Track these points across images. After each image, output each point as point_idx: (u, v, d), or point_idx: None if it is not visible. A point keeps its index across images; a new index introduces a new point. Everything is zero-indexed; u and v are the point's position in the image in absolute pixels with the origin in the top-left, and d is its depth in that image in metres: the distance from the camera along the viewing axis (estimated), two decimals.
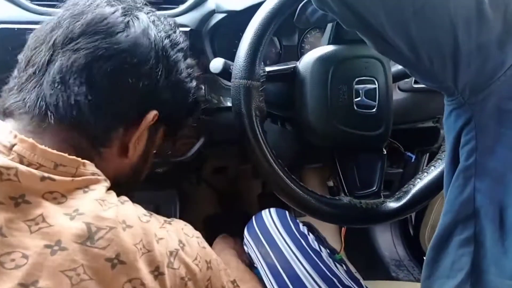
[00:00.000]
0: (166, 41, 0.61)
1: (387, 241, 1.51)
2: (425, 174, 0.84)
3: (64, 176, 0.50)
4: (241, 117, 0.74)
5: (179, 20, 0.93)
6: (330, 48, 0.82)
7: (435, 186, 0.81)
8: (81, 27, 0.55)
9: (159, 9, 0.92)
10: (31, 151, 0.49)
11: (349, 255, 1.35)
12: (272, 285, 0.85)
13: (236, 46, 0.78)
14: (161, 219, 0.59)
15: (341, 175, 0.82)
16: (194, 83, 0.68)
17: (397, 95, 0.96)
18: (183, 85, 0.65)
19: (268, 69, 0.79)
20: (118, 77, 0.55)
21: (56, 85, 0.53)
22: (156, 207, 1.26)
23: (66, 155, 0.51)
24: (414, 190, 0.81)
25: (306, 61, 0.81)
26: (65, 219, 0.46)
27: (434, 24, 0.48)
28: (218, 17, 0.96)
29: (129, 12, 0.59)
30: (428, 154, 1.30)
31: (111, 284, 0.46)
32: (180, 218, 1.36)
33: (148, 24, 0.59)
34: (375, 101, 0.81)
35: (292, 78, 0.82)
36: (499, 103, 0.50)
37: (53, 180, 0.49)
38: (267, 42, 0.77)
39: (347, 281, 0.86)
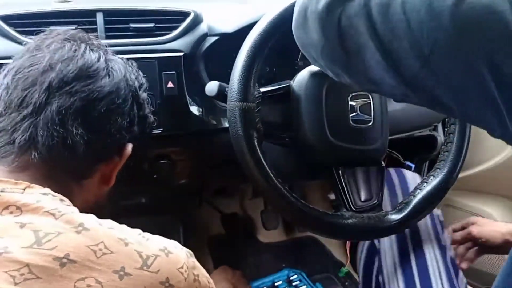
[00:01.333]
0: (136, 82, 0.68)
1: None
2: (425, 184, 0.84)
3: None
4: (239, 140, 0.75)
5: (173, 45, 0.94)
6: None
7: (436, 196, 0.81)
8: (74, 71, 0.58)
9: (152, 36, 0.95)
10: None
11: (355, 268, 1.35)
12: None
13: (230, 67, 0.80)
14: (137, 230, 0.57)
15: (341, 190, 0.82)
16: (152, 118, 0.75)
17: (393, 106, 0.96)
18: (147, 120, 0.72)
19: (263, 89, 0.80)
20: (110, 117, 0.61)
21: (54, 126, 0.56)
22: (160, 231, 1.26)
23: (11, 180, 0.52)
24: (415, 201, 0.82)
25: (300, 80, 0.82)
26: (15, 227, 0.48)
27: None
28: (211, 40, 0.97)
29: (108, 56, 0.65)
30: (427, 162, 1.31)
31: (61, 282, 0.45)
32: (185, 241, 1.37)
33: (125, 69, 0.66)
34: (371, 116, 0.82)
35: (287, 97, 0.83)
36: None
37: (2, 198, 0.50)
38: (260, 64, 0.78)
39: None
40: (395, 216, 0.80)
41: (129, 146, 0.67)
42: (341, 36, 0.49)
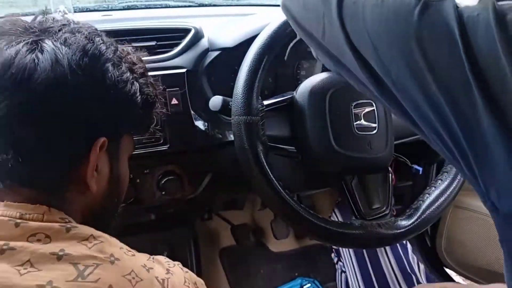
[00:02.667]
0: (85, 60, 0.52)
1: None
2: (433, 188, 0.84)
3: (34, 222, 0.48)
4: (245, 153, 0.75)
5: (175, 62, 0.95)
6: (324, 75, 0.83)
7: (444, 200, 0.81)
8: None
9: (154, 54, 0.96)
10: None
11: None
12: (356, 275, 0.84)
13: (233, 81, 0.80)
14: (147, 255, 0.57)
15: (349, 199, 0.82)
16: (136, 85, 0.60)
17: None
18: (122, 95, 0.57)
19: (266, 102, 0.80)
20: (43, 129, 0.50)
21: None
22: (171, 246, 1.26)
23: (28, 204, 0.49)
24: (424, 205, 0.82)
25: (302, 91, 0.82)
26: (52, 259, 0.45)
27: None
28: (213, 55, 0.98)
29: (34, 44, 0.51)
30: (435, 165, 1.30)
31: None
32: (196, 254, 1.38)
33: (55, 53, 0.51)
34: (375, 123, 0.82)
35: (291, 108, 0.83)
36: None
37: (26, 223, 0.47)
38: (263, 77, 0.78)
39: (423, 281, 0.86)
40: (405, 222, 0.80)
41: (98, 143, 0.53)
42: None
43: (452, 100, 0.38)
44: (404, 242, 0.94)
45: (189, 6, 1.33)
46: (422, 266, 0.95)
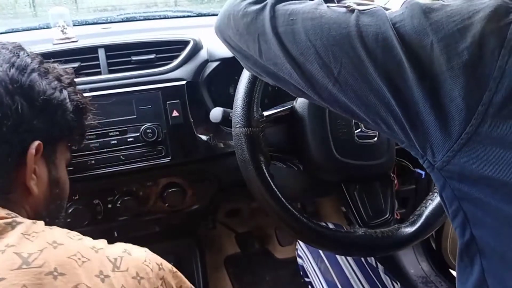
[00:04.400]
0: (12, 70, 0.58)
1: (410, 259, 1.48)
2: (436, 194, 0.84)
3: None
4: (246, 165, 0.76)
5: (175, 74, 0.96)
6: None
7: None
8: None
9: (153, 67, 0.96)
10: None
11: None
12: None
13: (233, 90, 0.81)
14: (101, 240, 0.58)
15: (352, 207, 0.82)
16: (64, 92, 0.65)
17: None
18: (52, 102, 0.62)
19: (266, 113, 0.81)
20: None
21: None
22: (177, 257, 1.27)
23: None
24: (427, 212, 0.82)
25: (302, 100, 0.83)
26: None
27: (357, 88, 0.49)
28: (212, 66, 0.99)
29: None
30: None
31: None
32: (202, 262, 1.38)
33: None
34: (375, 131, 0.82)
35: (291, 118, 0.84)
36: (470, 168, 0.44)
37: None
38: (262, 87, 0.78)
39: None
40: (409, 229, 0.80)
41: (32, 147, 0.57)
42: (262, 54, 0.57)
43: (390, 81, 0.46)
44: (371, 260, 0.95)
45: (188, 16, 1.34)
46: (399, 285, 0.95)
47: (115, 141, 0.90)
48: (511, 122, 0.40)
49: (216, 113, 0.83)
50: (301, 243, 1.01)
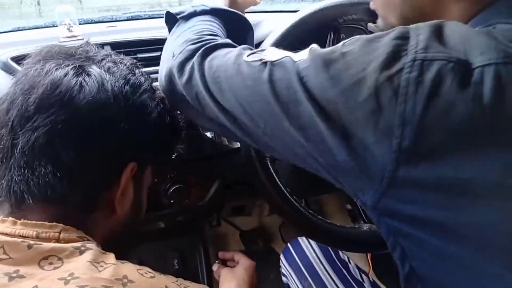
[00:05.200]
0: (126, 87, 0.57)
1: None
2: None
3: (49, 242, 0.48)
4: (252, 162, 0.76)
5: None
6: None
7: None
8: (34, 102, 0.51)
9: (158, 64, 0.95)
10: (12, 227, 0.48)
11: (378, 276, 1.34)
12: None
13: None
14: (170, 277, 0.54)
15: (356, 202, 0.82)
16: (167, 118, 0.64)
17: None
18: (155, 126, 0.61)
19: None
20: (83, 147, 0.52)
21: (22, 170, 0.51)
22: (181, 253, 1.27)
23: (45, 223, 0.49)
24: None
25: None
26: (59, 284, 0.44)
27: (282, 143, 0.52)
28: None
29: (81, 69, 0.55)
30: None
31: None
32: (206, 259, 1.38)
33: (101, 78, 0.55)
34: None
35: None
36: (397, 208, 0.45)
37: (40, 245, 0.47)
38: None
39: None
40: None
41: (129, 168, 0.56)
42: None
43: (305, 134, 0.48)
44: (356, 275, 0.96)
45: None
46: (365, 277, 0.96)
47: None
48: (421, 166, 0.41)
49: None
50: (284, 261, 1.02)
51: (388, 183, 0.43)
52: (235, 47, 0.60)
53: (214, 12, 0.72)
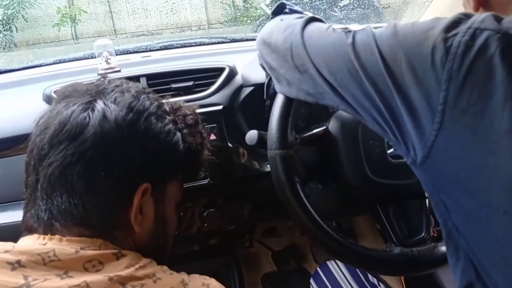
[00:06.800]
0: (130, 115, 0.61)
1: (449, 275, 1.46)
2: None
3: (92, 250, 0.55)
4: (282, 186, 0.78)
5: (212, 100, 1.00)
6: None
7: None
8: (47, 141, 0.58)
9: (192, 93, 1.01)
10: (59, 243, 0.55)
11: None
12: None
13: (267, 113, 0.84)
14: (184, 273, 0.61)
15: (387, 226, 0.83)
16: (178, 135, 0.67)
17: None
18: (164, 146, 0.64)
19: (300, 135, 0.83)
20: (90, 175, 0.57)
21: (45, 201, 0.58)
22: (216, 274, 1.29)
23: (87, 238, 0.56)
24: None
25: (335, 122, 0.85)
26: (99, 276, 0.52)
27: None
28: (247, 90, 1.03)
29: (88, 104, 0.60)
30: None
31: None
32: (240, 280, 1.40)
33: (103, 110, 0.59)
34: None
35: (325, 139, 0.86)
36: (442, 163, 0.50)
37: (85, 251, 0.54)
38: (295, 110, 0.81)
39: None
40: (445, 248, 0.80)
41: (140, 189, 0.60)
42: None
43: (377, 88, 0.55)
44: (375, 281, 0.96)
45: (222, 42, 1.39)
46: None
47: None
48: (463, 119, 0.47)
49: (251, 136, 0.86)
50: (314, 286, 1.04)
51: (435, 135, 0.49)
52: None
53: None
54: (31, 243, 0.56)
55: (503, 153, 0.44)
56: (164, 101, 0.70)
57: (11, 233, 0.59)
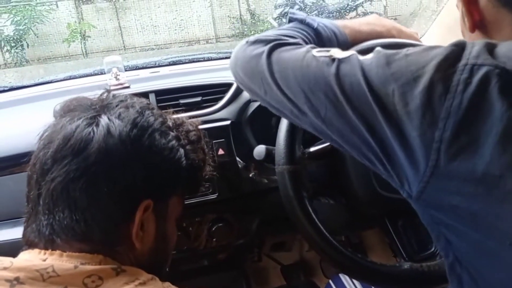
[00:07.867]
0: (134, 131, 0.60)
1: None
2: None
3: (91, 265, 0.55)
4: (290, 201, 0.79)
5: (220, 115, 1.01)
6: None
7: None
8: (51, 156, 0.58)
9: (200, 108, 1.02)
10: (59, 258, 0.55)
11: None
12: None
13: (275, 128, 0.84)
14: None
15: (396, 241, 0.83)
16: (181, 151, 0.66)
17: None
18: (166, 162, 0.64)
19: (308, 150, 0.84)
20: (94, 191, 0.57)
21: (46, 216, 0.57)
22: None
23: (88, 254, 0.55)
24: None
25: None
26: None
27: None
28: (254, 105, 1.04)
29: (92, 119, 0.60)
30: None
31: None
32: None
33: (108, 126, 0.59)
34: None
35: (332, 154, 0.86)
36: (441, 198, 0.49)
37: (84, 266, 0.53)
38: None
39: None
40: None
41: (142, 206, 0.60)
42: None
43: (366, 122, 0.53)
44: None
45: (230, 57, 1.40)
46: None
47: None
48: (460, 157, 0.46)
49: (259, 150, 0.86)
50: None
51: (431, 172, 0.48)
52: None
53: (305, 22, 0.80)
54: (31, 258, 0.56)
55: (506, 187, 0.43)
56: (167, 116, 0.70)
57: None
